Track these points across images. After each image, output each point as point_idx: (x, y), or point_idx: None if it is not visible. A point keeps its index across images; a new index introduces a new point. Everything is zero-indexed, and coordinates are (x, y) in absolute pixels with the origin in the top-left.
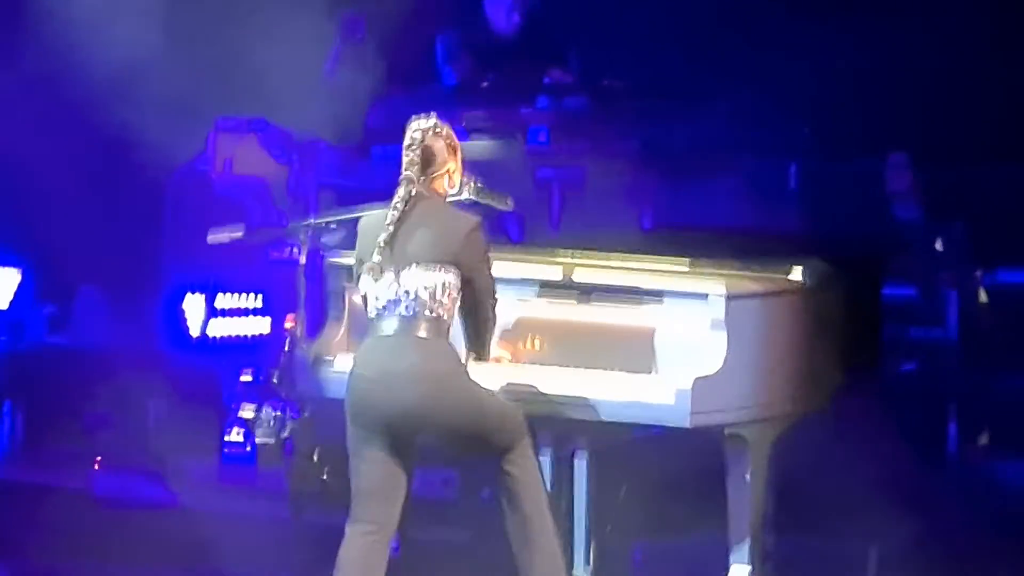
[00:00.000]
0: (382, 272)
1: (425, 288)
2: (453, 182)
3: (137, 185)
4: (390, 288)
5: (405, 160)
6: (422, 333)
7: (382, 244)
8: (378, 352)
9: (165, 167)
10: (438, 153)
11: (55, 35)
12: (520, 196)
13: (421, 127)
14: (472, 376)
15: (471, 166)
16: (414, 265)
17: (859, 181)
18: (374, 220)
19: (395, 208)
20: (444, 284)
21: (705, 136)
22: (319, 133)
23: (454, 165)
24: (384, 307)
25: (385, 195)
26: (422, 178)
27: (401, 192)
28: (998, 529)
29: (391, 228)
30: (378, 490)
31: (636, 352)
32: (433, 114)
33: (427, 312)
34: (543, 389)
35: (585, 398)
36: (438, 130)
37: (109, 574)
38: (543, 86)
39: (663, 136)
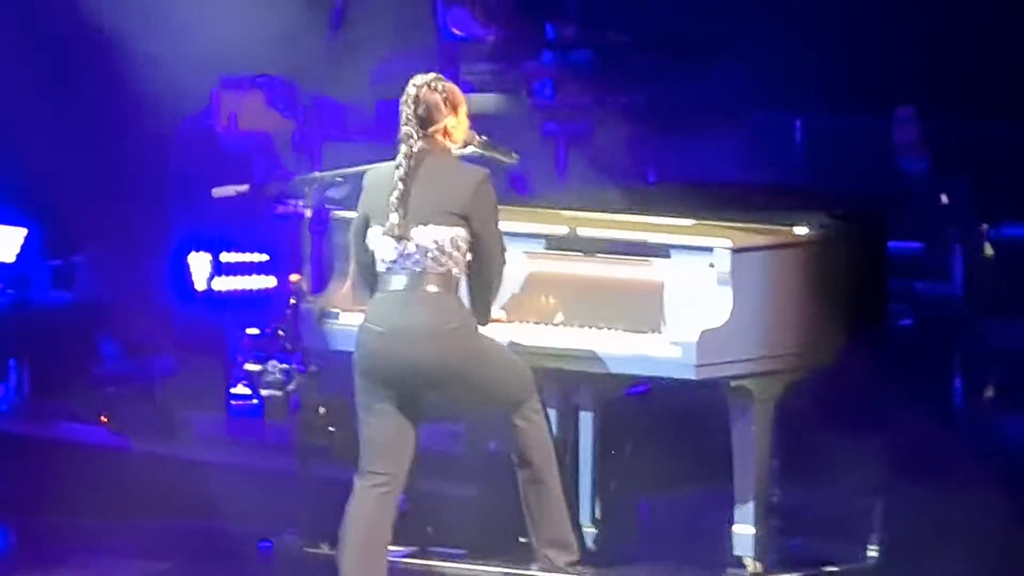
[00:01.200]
0: (403, 231)
1: (435, 243)
2: (454, 138)
3: (142, 140)
4: (400, 244)
5: (401, 116)
6: (432, 288)
7: (395, 203)
8: (388, 306)
9: (170, 122)
10: (434, 108)
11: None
12: (525, 151)
13: (417, 83)
14: (481, 331)
15: (475, 121)
16: (423, 220)
17: (864, 135)
18: (380, 174)
19: (399, 166)
20: (453, 239)
21: (710, 91)
22: (324, 89)
23: (453, 120)
24: (394, 261)
25: (390, 150)
26: (421, 133)
27: (403, 148)
28: (1004, 483)
29: (400, 186)
30: (387, 443)
31: (642, 306)
32: (435, 73)
33: (437, 267)
34: (549, 344)
35: (591, 351)
36: (433, 85)
37: (117, 528)
38: (548, 41)
39: (668, 91)
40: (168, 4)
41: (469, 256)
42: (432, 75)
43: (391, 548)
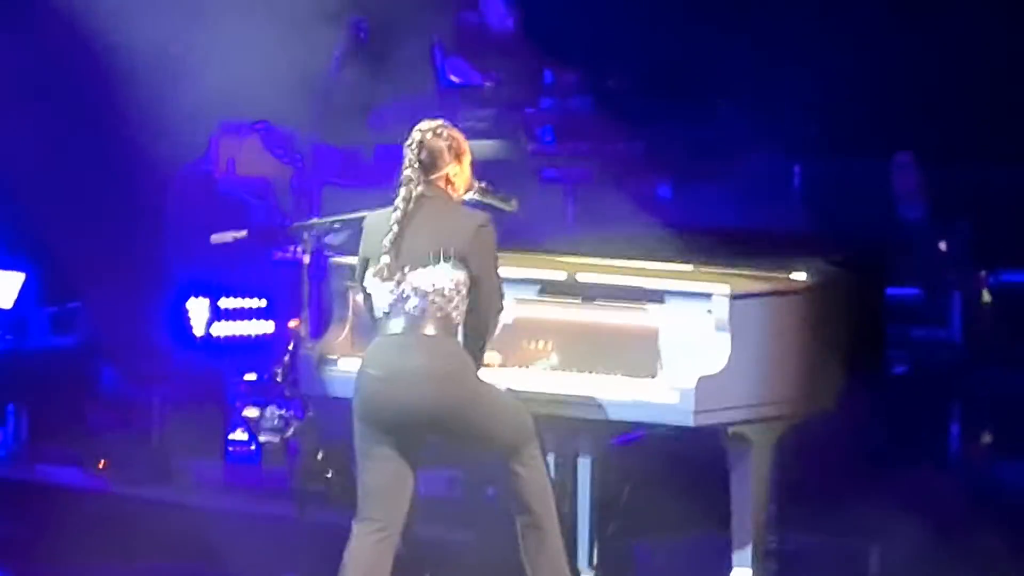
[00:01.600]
0: (391, 273)
1: (434, 286)
2: (455, 187)
3: (141, 186)
4: (398, 287)
5: (405, 159)
6: (430, 331)
7: (387, 245)
8: (386, 350)
9: (168, 168)
10: (438, 155)
11: (57, 38)
12: (524, 197)
13: (422, 128)
14: (480, 375)
15: (473, 167)
16: (423, 263)
17: (863, 181)
18: (379, 219)
19: (397, 208)
20: (454, 281)
21: (709, 136)
22: (323, 134)
23: (456, 169)
24: (392, 305)
25: (389, 195)
26: (423, 178)
27: (402, 192)
28: (1001, 528)
29: (395, 228)
30: (386, 489)
31: (640, 353)
32: (441, 119)
33: (436, 310)
34: (546, 389)
35: (589, 397)
36: (438, 132)
37: (115, 574)
38: (547, 86)
39: (667, 136)
40: (167, 50)
41: (467, 299)
42: (438, 122)
43: None
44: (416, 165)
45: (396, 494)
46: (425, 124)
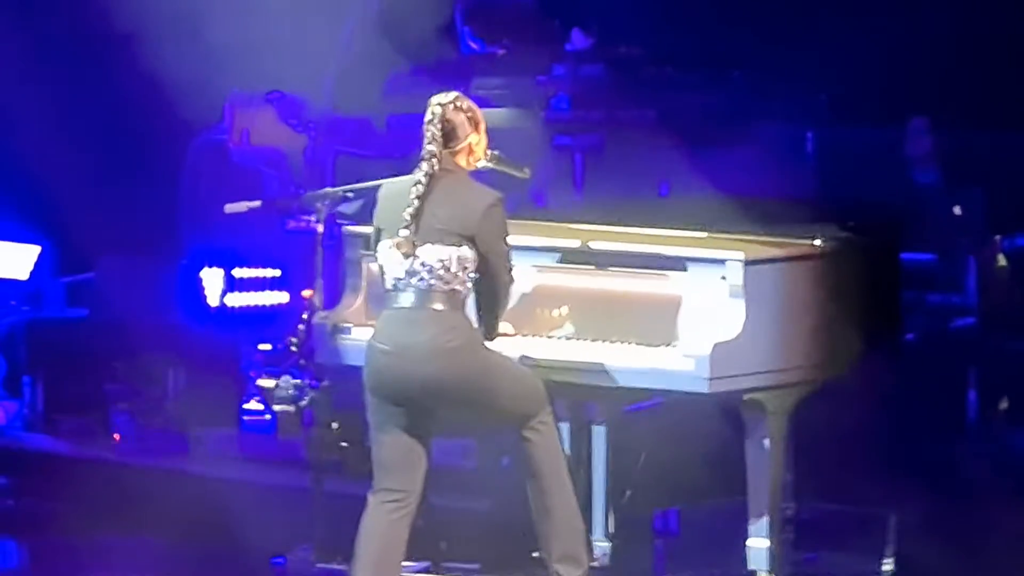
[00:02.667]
0: (412, 247)
1: (441, 261)
2: (476, 156)
3: (155, 156)
4: (408, 261)
5: (426, 135)
6: (438, 305)
7: (408, 219)
8: (395, 324)
9: (182, 138)
10: (459, 127)
11: (70, 9)
12: (538, 165)
13: (441, 102)
14: (488, 347)
15: (488, 135)
16: (431, 239)
17: (877, 147)
18: (395, 189)
19: (419, 183)
20: (460, 258)
21: (723, 103)
22: (336, 104)
23: (476, 138)
24: (401, 279)
25: (402, 164)
26: (444, 152)
27: (424, 167)
28: (1018, 495)
29: (416, 203)
30: (399, 460)
31: (655, 319)
32: (455, 91)
33: (443, 285)
34: (561, 357)
35: (603, 365)
36: (458, 104)
37: (130, 544)
38: (561, 54)
39: (681, 104)
40: (180, 21)
41: (475, 275)
42: (454, 93)
43: (404, 563)
44: (439, 139)
45: (411, 466)
46: (441, 98)
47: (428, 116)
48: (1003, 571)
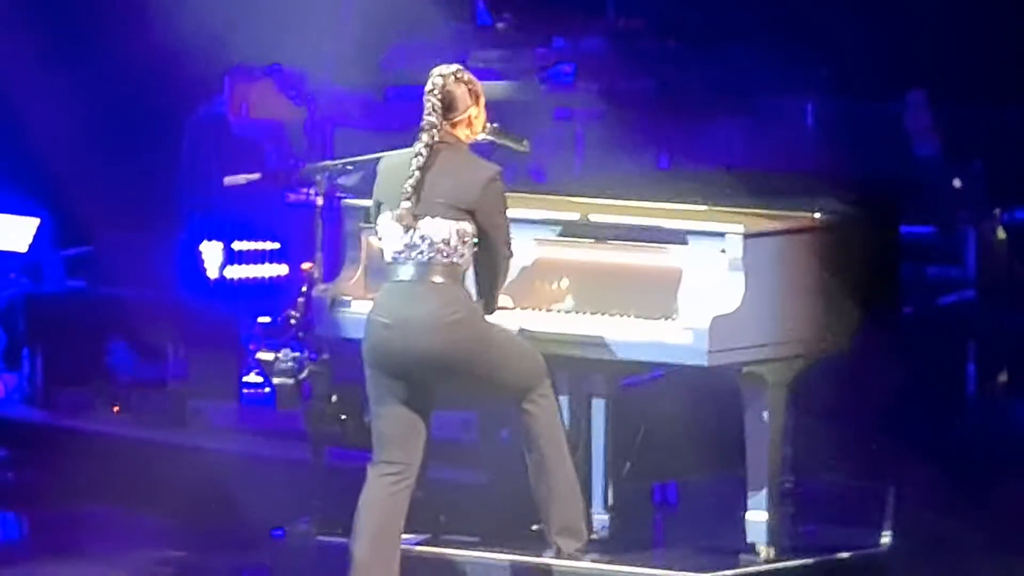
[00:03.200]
0: (413, 219)
1: (441, 235)
2: (475, 128)
3: (155, 129)
4: (408, 234)
5: (426, 106)
6: (438, 279)
7: (409, 191)
8: (394, 298)
9: (182, 111)
10: (459, 99)
11: None
12: (537, 137)
13: (442, 72)
14: (488, 320)
15: (487, 108)
16: (431, 212)
17: (877, 120)
18: (394, 162)
19: (419, 155)
20: (460, 232)
21: (722, 76)
22: (335, 76)
23: (476, 111)
24: (400, 252)
25: (400, 137)
26: (444, 123)
27: (424, 138)
28: (1016, 467)
29: (417, 174)
30: (399, 434)
31: (654, 292)
32: (456, 63)
33: (443, 258)
34: (560, 330)
35: (603, 338)
36: (459, 76)
37: (130, 517)
38: (560, 27)
39: (681, 76)
40: None
41: (475, 248)
42: (456, 65)
43: (403, 536)
44: (439, 109)
45: (410, 439)
46: (443, 69)
47: (429, 86)
48: (1002, 544)
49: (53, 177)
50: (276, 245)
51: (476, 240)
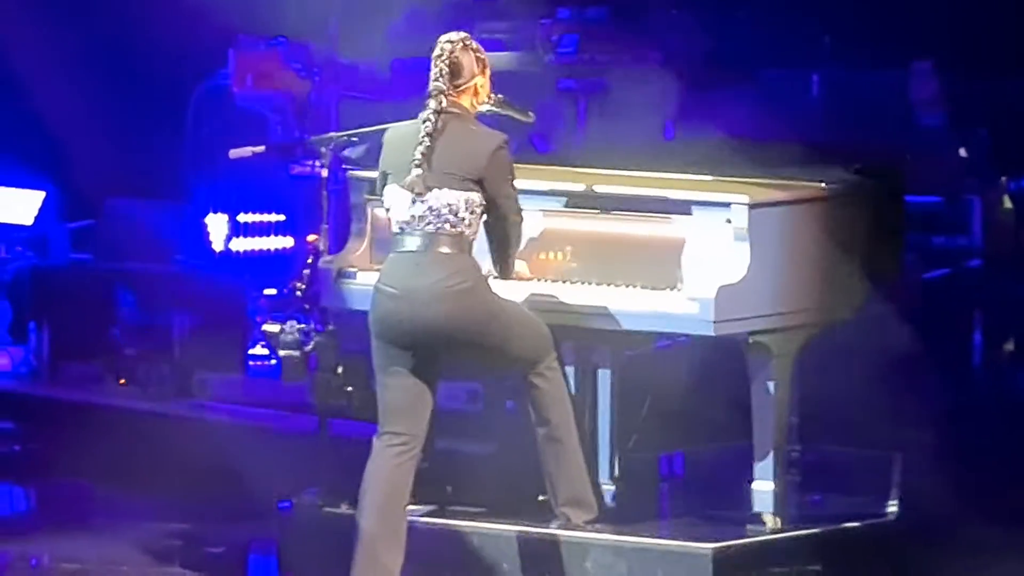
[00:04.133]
0: (425, 186)
1: (448, 205)
2: (480, 97)
3: (160, 102)
4: (415, 204)
5: (433, 71)
6: (444, 249)
7: (420, 158)
8: (401, 267)
9: (187, 83)
10: (466, 66)
11: None
12: (542, 108)
13: (451, 39)
14: (495, 290)
15: (492, 79)
16: (438, 183)
17: (883, 89)
18: (400, 132)
19: (427, 120)
20: (467, 201)
21: (727, 46)
22: (340, 48)
23: (482, 80)
24: (408, 222)
25: (406, 108)
26: (450, 89)
27: (432, 104)
28: (1022, 435)
29: (427, 140)
30: (405, 404)
31: (660, 263)
32: (464, 32)
33: (450, 228)
34: (567, 300)
35: (608, 308)
36: (467, 43)
37: (136, 489)
38: None
39: (686, 47)
40: None
41: (484, 217)
42: (463, 33)
43: (410, 507)
44: (447, 76)
45: (416, 410)
46: (453, 35)
47: (437, 51)
48: (1007, 513)
49: (58, 150)
50: (281, 217)
51: (484, 209)
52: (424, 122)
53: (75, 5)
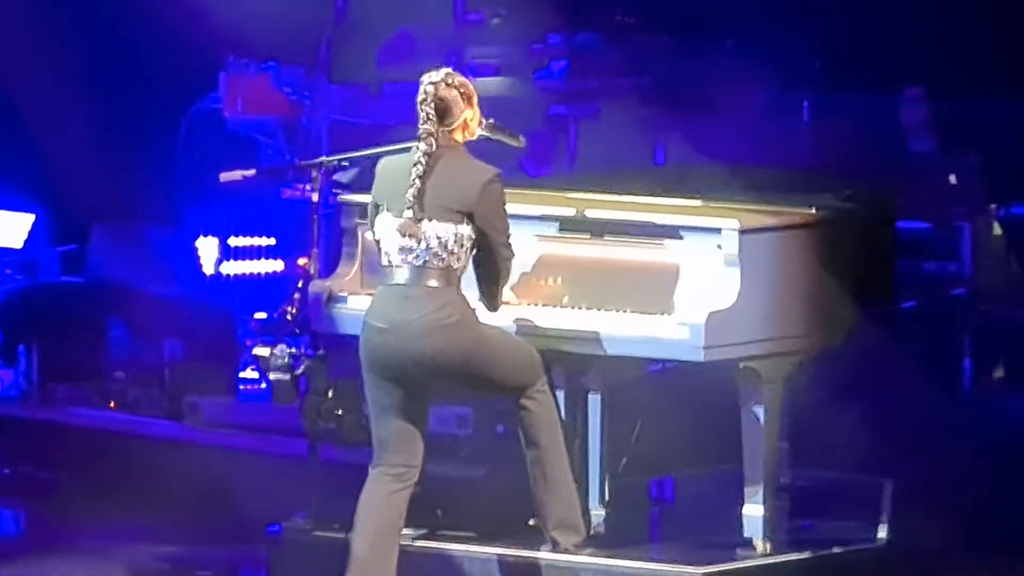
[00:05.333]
0: (416, 229)
1: (438, 239)
2: (472, 130)
3: (150, 125)
4: (408, 238)
5: (420, 115)
6: (433, 282)
7: (411, 200)
8: (389, 301)
9: (178, 106)
10: (452, 104)
11: None
12: (533, 133)
13: (432, 80)
14: (483, 321)
15: (482, 104)
16: (428, 215)
17: (872, 114)
18: (393, 165)
19: (418, 163)
20: (457, 235)
21: (718, 71)
22: (330, 71)
23: (471, 113)
24: (397, 255)
25: (397, 132)
26: (441, 130)
27: (423, 147)
28: (1013, 463)
29: (418, 183)
30: (399, 436)
31: (650, 288)
32: (444, 67)
33: (438, 261)
34: (557, 325)
35: (599, 333)
36: (449, 80)
37: (125, 513)
38: (556, 23)
39: (676, 71)
40: None
41: (473, 251)
42: (444, 70)
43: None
44: (434, 118)
45: (409, 441)
46: (433, 76)
47: (421, 96)
48: (997, 538)
49: (48, 173)
50: (272, 241)
51: (474, 243)
52: (415, 164)
53: (65, 28)
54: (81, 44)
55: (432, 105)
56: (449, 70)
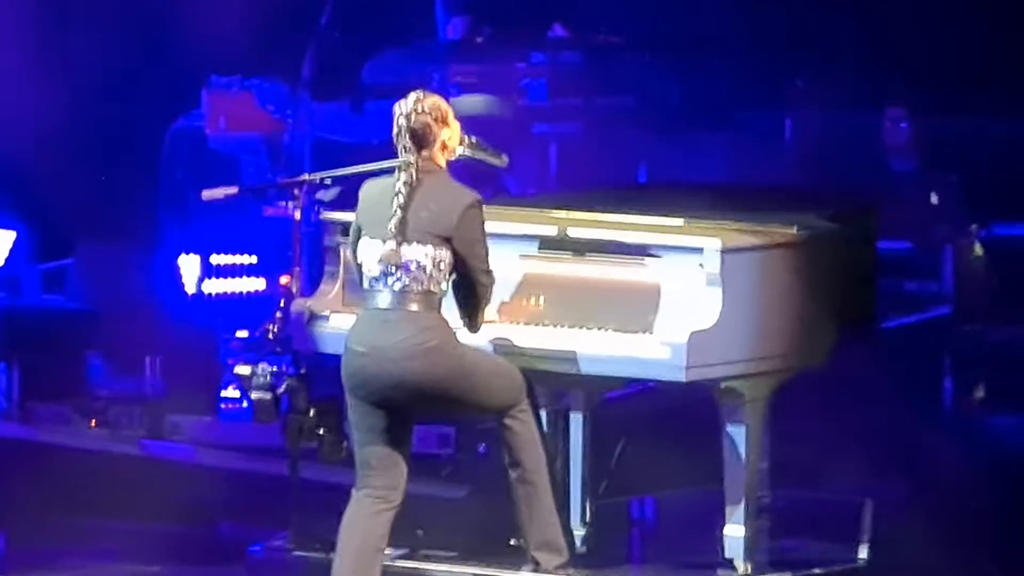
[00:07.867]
0: (401, 257)
1: (417, 262)
2: (451, 150)
3: (133, 143)
4: (389, 264)
5: (398, 147)
6: (413, 307)
7: (393, 230)
8: (370, 325)
9: (160, 124)
10: (427, 131)
11: None
12: (515, 152)
13: (403, 112)
14: (464, 343)
15: (464, 122)
16: (408, 239)
17: (854, 134)
18: (376, 189)
19: (399, 193)
20: (436, 259)
21: (699, 91)
22: (314, 89)
23: (448, 132)
24: (377, 279)
25: (380, 151)
26: (421, 156)
27: (403, 177)
28: (994, 482)
29: (399, 213)
30: (382, 459)
31: (633, 307)
32: (412, 93)
33: (418, 285)
34: (538, 345)
35: (581, 352)
36: (419, 107)
37: (107, 531)
38: (539, 41)
39: (658, 91)
40: (158, 7)
41: (453, 276)
42: (412, 97)
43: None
44: (412, 148)
45: (392, 464)
46: (404, 106)
47: (395, 129)
48: (979, 557)
49: (30, 191)
50: (254, 259)
51: (453, 268)
52: (396, 194)
53: (47, 45)
54: (63, 62)
55: (407, 137)
56: (418, 95)
